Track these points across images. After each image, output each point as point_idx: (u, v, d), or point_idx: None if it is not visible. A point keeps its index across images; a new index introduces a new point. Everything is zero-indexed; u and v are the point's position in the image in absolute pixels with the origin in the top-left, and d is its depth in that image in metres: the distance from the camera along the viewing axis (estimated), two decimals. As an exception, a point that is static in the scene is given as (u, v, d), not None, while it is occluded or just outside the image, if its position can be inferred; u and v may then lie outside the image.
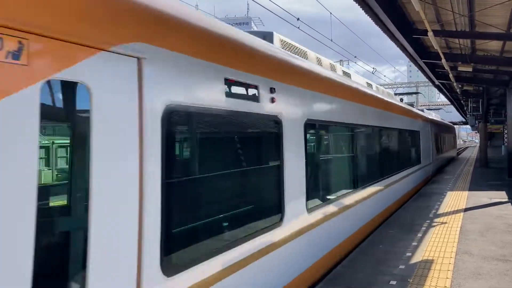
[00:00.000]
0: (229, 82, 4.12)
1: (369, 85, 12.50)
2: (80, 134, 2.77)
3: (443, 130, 27.56)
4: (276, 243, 4.99)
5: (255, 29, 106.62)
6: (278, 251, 5.00)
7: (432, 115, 26.68)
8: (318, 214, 6.25)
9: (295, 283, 5.47)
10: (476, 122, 33.91)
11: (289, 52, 6.39)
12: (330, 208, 6.84)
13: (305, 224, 5.78)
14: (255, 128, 4.80)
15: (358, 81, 10.93)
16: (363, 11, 10.34)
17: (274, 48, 5.66)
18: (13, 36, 2.23)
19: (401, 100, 21.36)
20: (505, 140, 30.39)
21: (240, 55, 4.46)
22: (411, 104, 22.34)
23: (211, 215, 4.11)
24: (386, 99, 11.74)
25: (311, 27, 15.10)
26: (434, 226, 9.61)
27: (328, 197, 7.04)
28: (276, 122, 5.11)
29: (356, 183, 8.53)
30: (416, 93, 29.86)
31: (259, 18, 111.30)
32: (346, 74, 10.35)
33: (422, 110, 23.59)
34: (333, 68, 9.14)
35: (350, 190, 8.08)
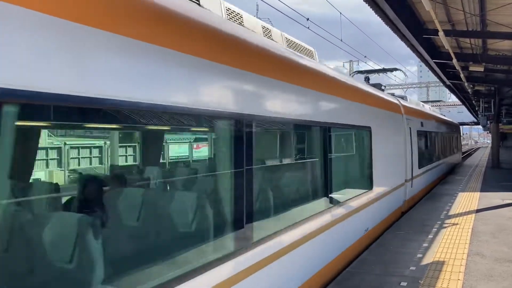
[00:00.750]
0: None
1: (291, 45, 7.01)
2: None
3: (438, 128, 20.20)
4: None
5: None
6: None
7: (425, 108, 19.98)
8: None
9: None
10: (488, 122, 33.57)
11: None
12: None
13: None
14: None
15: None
16: (372, 11, 10.29)
17: None
18: None
19: (367, 79, 15.15)
20: (518, 140, 30.02)
21: None
22: (379, 86, 13.50)
23: None
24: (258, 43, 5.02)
25: (320, 27, 15.07)
26: (445, 227, 9.53)
27: None
28: None
29: None
30: (395, 69, 17.91)
31: (268, 18, 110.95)
32: None
33: (403, 98, 15.68)
34: None
35: None
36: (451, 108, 59.71)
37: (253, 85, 4.48)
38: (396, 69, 18.79)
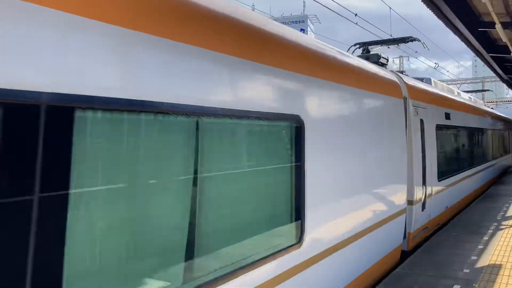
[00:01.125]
0: None
1: None
2: None
3: (479, 123, 15.73)
4: None
5: (311, 27, 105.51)
6: None
7: (461, 96, 15.86)
8: None
9: None
10: (550, 119, 31.75)
11: None
12: None
13: None
14: None
15: None
16: (424, 4, 9.99)
17: None
18: None
19: (365, 51, 10.24)
20: None
21: None
22: (376, 57, 9.16)
23: None
24: None
25: (369, 22, 14.77)
26: (501, 229, 9.11)
27: None
28: None
29: None
30: (410, 39, 11.49)
31: (315, 15, 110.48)
32: None
33: (422, 80, 12.05)
34: None
35: None
36: (509, 104, 56.88)
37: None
38: (411, 39, 12.15)
